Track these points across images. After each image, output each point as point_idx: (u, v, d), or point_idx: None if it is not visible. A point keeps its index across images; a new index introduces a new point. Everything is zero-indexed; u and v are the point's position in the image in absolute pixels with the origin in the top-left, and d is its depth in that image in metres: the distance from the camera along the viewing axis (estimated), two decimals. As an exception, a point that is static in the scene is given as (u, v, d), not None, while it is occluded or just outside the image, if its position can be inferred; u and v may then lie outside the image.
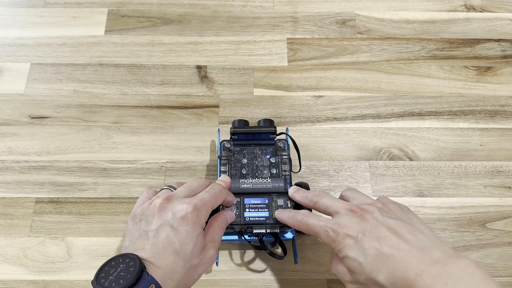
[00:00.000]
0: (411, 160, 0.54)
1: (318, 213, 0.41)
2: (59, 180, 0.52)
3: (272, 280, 0.48)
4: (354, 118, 0.57)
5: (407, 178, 0.53)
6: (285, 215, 0.42)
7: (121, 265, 0.33)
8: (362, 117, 0.57)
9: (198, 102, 0.57)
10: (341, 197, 0.43)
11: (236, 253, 0.49)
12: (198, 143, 0.55)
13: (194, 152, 0.54)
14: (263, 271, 0.48)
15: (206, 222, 0.40)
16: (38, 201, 0.51)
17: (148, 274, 0.33)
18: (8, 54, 0.60)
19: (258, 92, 0.58)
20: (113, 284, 0.32)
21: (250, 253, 0.49)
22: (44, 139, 0.55)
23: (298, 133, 0.55)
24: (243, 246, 0.49)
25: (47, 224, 0.50)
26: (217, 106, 0.57)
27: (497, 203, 0.52)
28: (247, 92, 0.58)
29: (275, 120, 0.55)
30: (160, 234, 0.35)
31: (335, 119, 0.57)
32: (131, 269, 0.33)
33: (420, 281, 0.31)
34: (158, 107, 0.57)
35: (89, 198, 0.51)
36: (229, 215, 0.42)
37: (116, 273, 0.33)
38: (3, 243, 0.49)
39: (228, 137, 0.51)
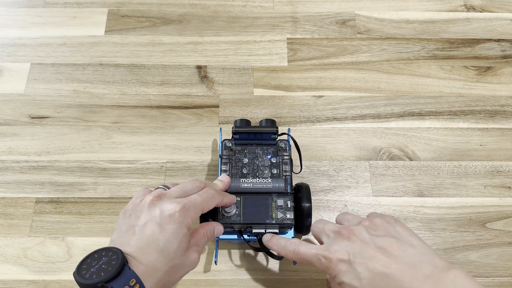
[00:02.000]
0: (411, 160, 0.54)
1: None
2: (59, 180, 0.52)
3: (272, 280, 0.48)
4: (354, 118, 0.57)
5: (407, 178, 0.53)
6: (274, 244, 0.42)
7: (103, 258, 0.34)
8: (362, 117, 0.57)
9: (198, 102, 0.57)
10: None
11: (236, 253, 0.49)
12: (198, 143, 0.55)
13: (194, 152, 0.54)
14: (263, 271, 0.48)
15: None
16: (38, 201, 0.51)
17: (129, 268, 0.33)
18: (8, 54, 0.60)
19: (258, 92, 0.58)
20: (94, 276, 0.33)
21: (250, 253, 0.49)
22: (44, 139, 0.55)
23: (298, 133, 0.55)
24: (243, 246, 0.49)
25: (47, 224, 0.50)
26: (217, 106, 0.57)
27: (497, 203, 0.52)
28: (247, 92, 0.58)
29: (275, 120, 0.55)
30: (146, 230, 0.36)
31: (335, 119, 0.57)
32: (113, 262, 0.33)
33: None
34: (158, 107, 0.57)
35: (89, 198, 0.51)
36: (217, 228, 0.42)
37: (98, 265, 0.33)
38: (3, 243, 0.49)
39: (229, 137, 0.51)
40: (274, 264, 0.48)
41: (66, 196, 0.52)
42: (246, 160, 0.47)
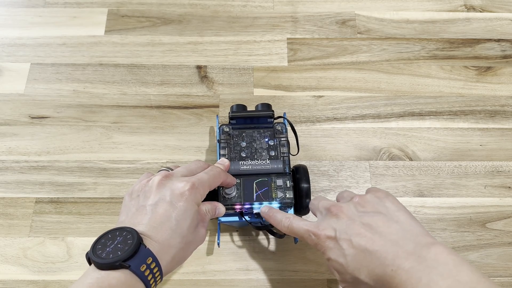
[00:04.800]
0: (411, 160, 0.54)
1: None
2: (59, 180, 0.52)
3: (272, 280, 0.48)
4: (354, 118, 0.57)
5: (407, 178, 0.53)
6: (271, 217, 0.42)
7: (118, 238, 0.34)
8: (362, 117, 0.57)
9: (198, 102, 0.57)
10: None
11: (236, 252, 0.49)
12: (198, 143, 0.55)
13: (194, 152, 0.54)
14: (263, 271, 0.48)
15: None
16: (38, 201, 0.51)
17: (145, 247, 0.33)
18: (8, 54, 0.60)
19: (258, 92, 0.58)
20: (111, 255, 0.33)
21: (250, 253, 0.49)
22: (44, 139, 0.55)
23: (298, 133, 0.55)
24: (247, 241, 0.49)
25: (47, 224, 0.50)
26: (217, 106, 0.57)
27: (497, 203, 0.52)
28: (247, 92, 0.58)
29: (271, 104, 0.55)
30: (158, 209, 0.36)
31: (335, 119, 0.57)
32: (128, 241, 0.33)
33: (397, 278, 0.32)
34: (158, 107, 0.57)
35: (89, 198, 0.51)
36: (219, 208, 0.43)
37: (113, 245, 0.33)
38: (3, 243, 0.49)
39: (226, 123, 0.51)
40: (274, 264, 0.48)
41: (66, 196, 0.52)
42: (244, 144, 0.48)
